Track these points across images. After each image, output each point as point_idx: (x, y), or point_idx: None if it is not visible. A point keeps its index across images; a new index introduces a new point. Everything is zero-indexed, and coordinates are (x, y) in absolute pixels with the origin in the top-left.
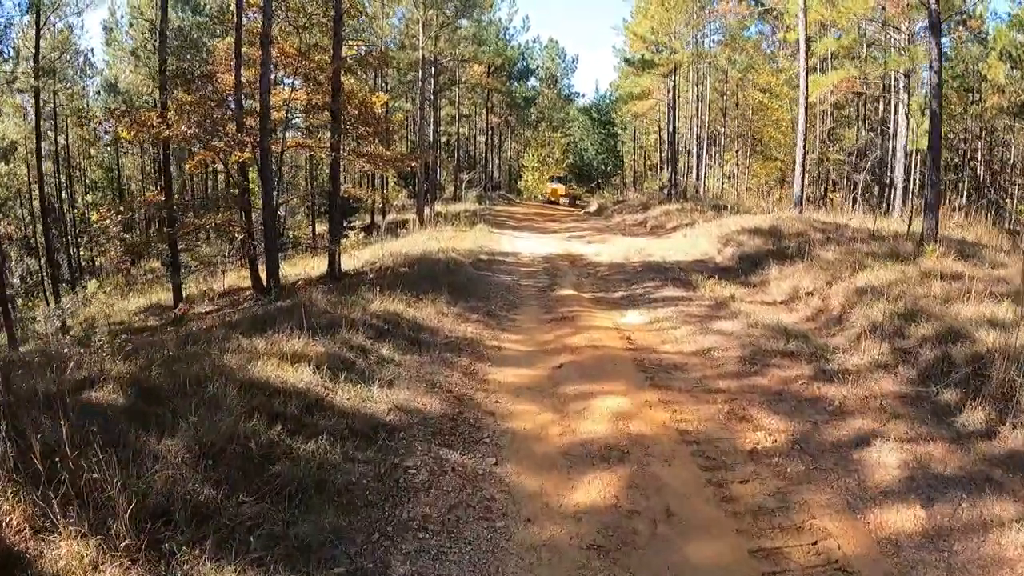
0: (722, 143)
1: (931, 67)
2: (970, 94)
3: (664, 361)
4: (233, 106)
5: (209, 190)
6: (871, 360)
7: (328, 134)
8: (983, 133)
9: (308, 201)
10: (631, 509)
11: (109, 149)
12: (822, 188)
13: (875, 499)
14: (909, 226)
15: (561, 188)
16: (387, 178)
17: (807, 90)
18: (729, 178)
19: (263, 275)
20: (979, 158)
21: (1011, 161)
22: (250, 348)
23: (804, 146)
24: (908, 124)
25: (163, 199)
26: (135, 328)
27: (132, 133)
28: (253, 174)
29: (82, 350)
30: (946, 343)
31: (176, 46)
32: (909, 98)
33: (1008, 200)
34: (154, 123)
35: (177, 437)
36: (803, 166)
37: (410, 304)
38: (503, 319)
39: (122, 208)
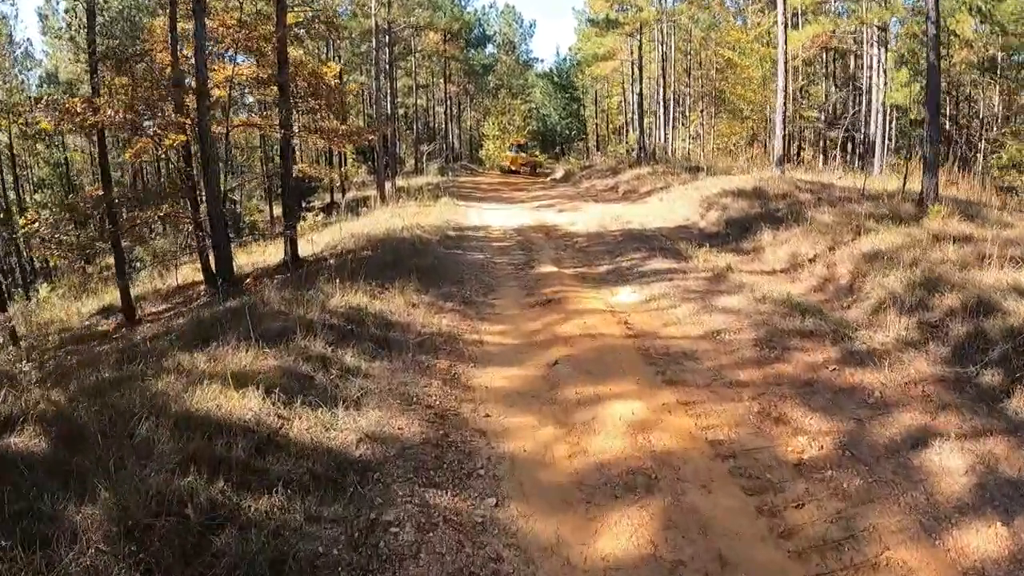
0: (687, 104)
1: (928, 17)
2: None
3: (672, 349)
4: (170, 86)
5: (163, 180)
6: (897, 337)
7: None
8: (950, 88)
9: (265, 184)
10: (675, 559)
11: (58, 144)
12: (795, 146)
13: (950, 517)
14: (904, 184)
15: (521, 156)
16: (345, 154)
17: (785, 44)
18: (695, 138)
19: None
20: (947, 113)
21: (981, 116)
22: (190, 366)
23: (784, 103)
24: (886, 79)
25: (101, 194)
26: (84, 336)
27: (54, 123)
28: None
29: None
30: (977, 316)
31: (112, 26)
32: (886, 52)
33: (978, 155)
34: (78, 110)
35: (99, 503)
36: (783, 124)
37: (375, 295)
38: (481, 306)
39: (51, 209)
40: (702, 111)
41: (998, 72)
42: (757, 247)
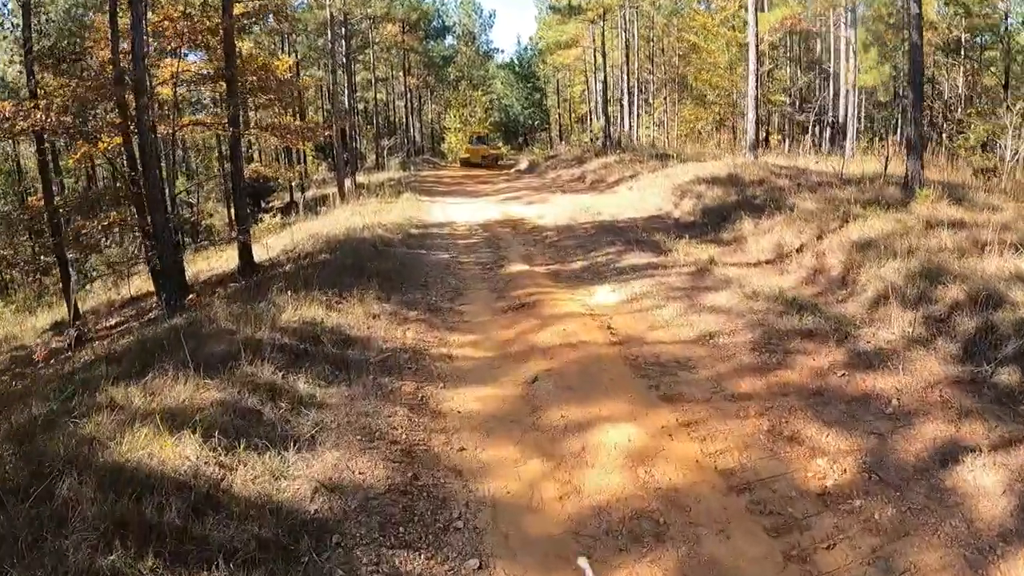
0: (651, 91)
1: None
2: (904, 31)
3: (662, 357)
4: (111, 85)
5: (105, 186)
6: (902, 334)
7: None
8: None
9: (222, 186)
10: None
11: (9, 150)
12: (764, 131)
13: (994, 548)
14: (885, 168)
15: (482, 148)
16: (305, 152)
17: (756, 26)
18: (659, 125)
19: (173, 272)
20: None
21: (945, 97)
22: (124, 402)
23: (756, 87)
24: (856, 61)
25: (43, 204)
26: (32, 355)
27: None
28: None
29: None
30: (984, 308)
31: (59, 25)
32: (855, 34)
33: (943, 136)
34: (7, 114)
35: None
36: (755, 109)
37: (332, 306)
38: (448, 314)
39: None
40: (665, 98)
41: (962, 54)
42: (738, 237)
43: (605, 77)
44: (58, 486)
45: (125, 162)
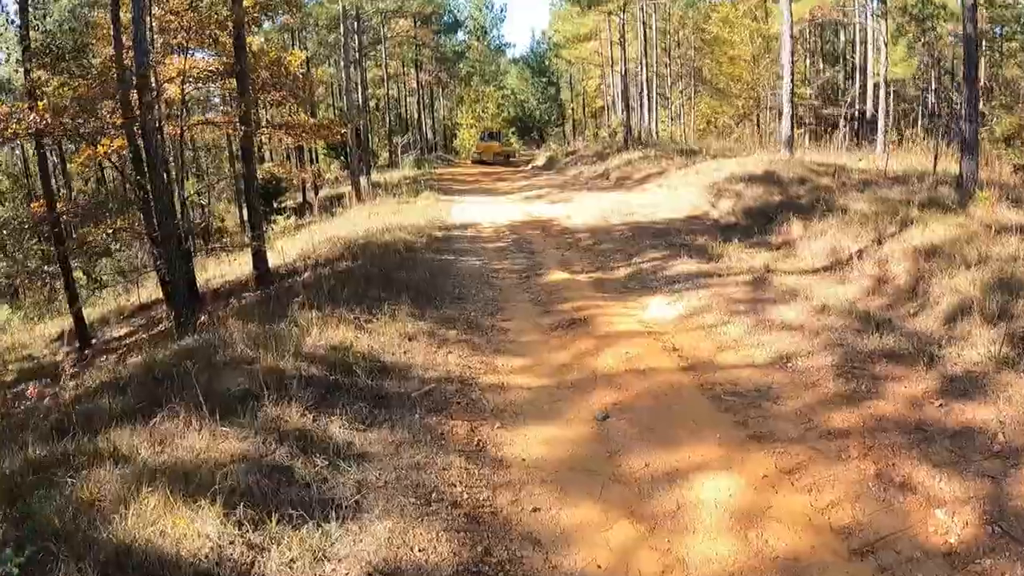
0: (667, 85)
1: None
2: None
3: (741, 385)
4: (110, 83)
5: (106, 191)
6: (988, 354)
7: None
8: (934, 63)
9: (234, 186)
10: None
11: (18, 152)
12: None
13: None
14: (935, 166)
15: (494, 145)
16: (317, 150)
17: (791, 15)
18: (675, 119)
19: (181, 284)
20: (931, 88)
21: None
22: (129, 451)
23: (792, 79)
24: (886, 53)
25: (46, 211)
26: (38, 368)
27: None
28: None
29: None
30: None
31: (52, 21)
32: (886, 25)
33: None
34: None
35: None
36: (791, 103)
37: (361, 325)
38: (492, 332)
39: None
40: (682, 92)
41: (983, 45)
42: (787, 240)
43: (625, 70)
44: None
45: (131, 165)
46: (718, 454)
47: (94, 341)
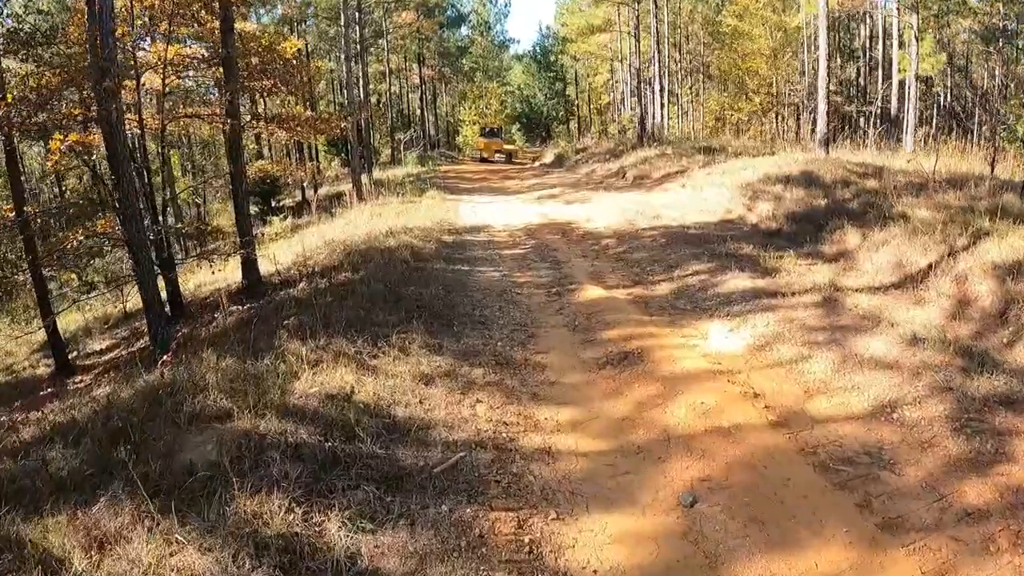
0: (677, 81)
1: None
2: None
3: (846, 446)
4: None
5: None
6: None
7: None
8: (948, 60)
9: (229, 186)
10: None
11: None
12: (809, 123)
13: None
14: (992, 169)
15: (495, 142)
16: (317, 147)
17: (827, 6)
18: (684, 116)
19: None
20: (947, 84)
21: (984, 87)
22: (61, 555)
23: (828, 75)
24: (917, 49)
25: (13, 214)
26: (16, 383)
27: None
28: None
29: None
30: None
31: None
32: (917, 18)
33: (980, 127)
34: None
35: None
36: (827, 100)
37: (365, 363)
38: (526, 370)
39: None
40: (691, 87)
41: (999, 42)
42: (842, 251)
43: (640, 64)
44: None
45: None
46: (851, 558)
47: (75, 354)
